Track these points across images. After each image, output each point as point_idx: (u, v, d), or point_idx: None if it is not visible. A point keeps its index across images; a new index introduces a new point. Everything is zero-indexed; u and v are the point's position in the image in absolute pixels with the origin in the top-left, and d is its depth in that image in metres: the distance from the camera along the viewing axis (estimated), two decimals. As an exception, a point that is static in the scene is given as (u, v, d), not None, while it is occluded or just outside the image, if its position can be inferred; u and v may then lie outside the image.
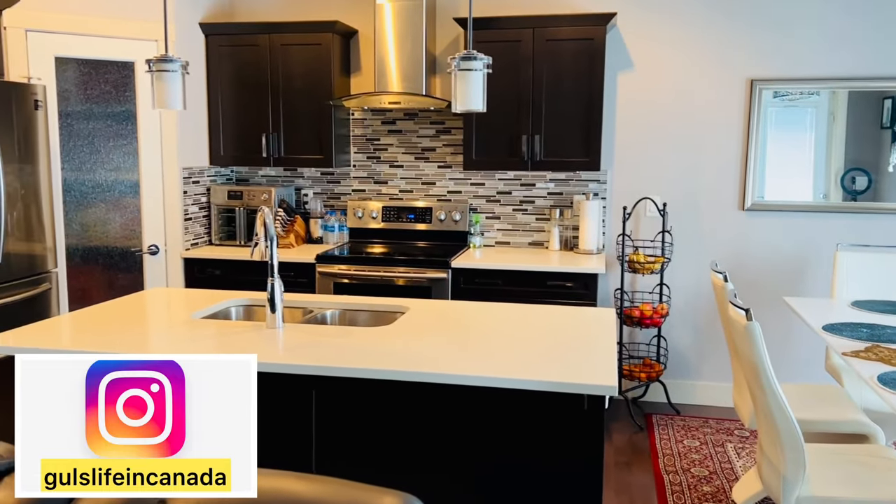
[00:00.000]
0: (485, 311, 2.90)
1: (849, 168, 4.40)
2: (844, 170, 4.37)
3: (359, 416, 2.29)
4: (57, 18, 3.87)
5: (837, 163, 4.36)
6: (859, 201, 4.38)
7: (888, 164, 4.31)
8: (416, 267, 4.10)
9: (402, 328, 2.58)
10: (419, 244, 4.58)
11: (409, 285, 4.08)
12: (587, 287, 3.96)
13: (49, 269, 3.74)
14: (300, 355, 2.29)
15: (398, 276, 4.10)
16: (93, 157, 4.05)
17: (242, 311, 3.00)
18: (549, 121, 4.17)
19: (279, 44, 4.43)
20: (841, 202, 4.32)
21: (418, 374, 2.14)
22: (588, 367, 2.21)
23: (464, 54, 2.30)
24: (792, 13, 4.16)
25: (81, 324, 2.63)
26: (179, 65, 2.50)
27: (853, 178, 4.41)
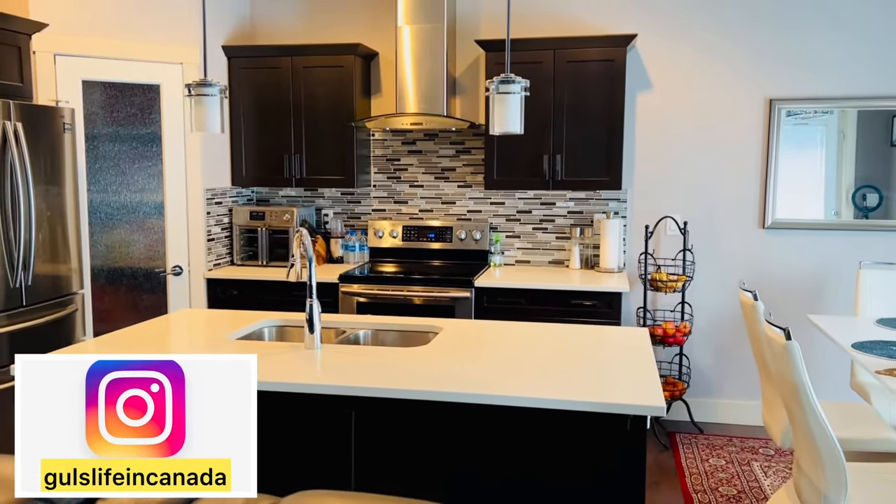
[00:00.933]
0: (517, 330, 2.91)
1: (860, 185, 4.43)
2: (855, 187, 4.39)
3: (398, 436, 2.30)
4: (84, 42, 3.92)
5: (848, 180, 4.39)
6: (871, 218, 4.41)
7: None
8: (439, 286, 4.11)
9: (437, 348, 2.59)
10: (440, 263, 4.60)
11: (432, 304, 4.09)
12: (611, 306, 3.97)
13: (75, 291, 3.75)
14: (340, 376, 2.30)
15: (421, 296, 4.11)
16: (118, 178, 4.08)
17: (275, 331, 3.01)
18: (570, 140, 4.21)
19: (301, 66, 4.48)
20: (860, 220, 4.34)
21: (461, 395, 2.15)
22: (631, 386, 2.22)
23: (502, 78, 2.34)
24: (806, 35, 4.21)
25: (118, 346, 2.65)
26: (218, 89, 2.53)
27: (864, 195, 4.43)
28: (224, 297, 4.38)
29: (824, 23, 4.19)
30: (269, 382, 2.23)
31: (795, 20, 4.22)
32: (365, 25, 4.69)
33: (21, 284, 3.38)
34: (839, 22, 4.18)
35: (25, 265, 3.38)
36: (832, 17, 4.18)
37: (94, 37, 3.95)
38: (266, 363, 2.41)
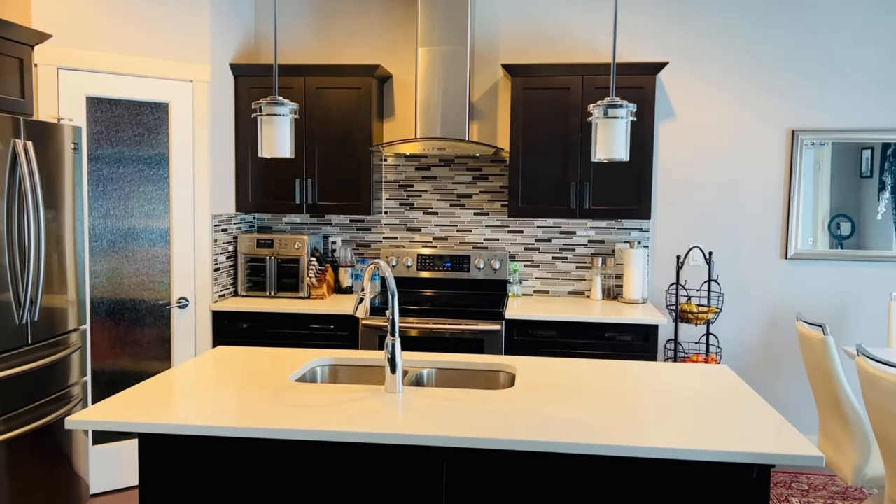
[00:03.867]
0: (596, 369, 2.75)
1: (834, 214, 4.48)
2: (830, 216, 4.43)
3: (497, 492, 2.09)
4: (90, 56, 3.61)
5: (824, 209, 4.42)
6: (846, 247, 4.45)
7: (876, 213, 4.37)
8: (467, 319, 3.92)
9: (526, 391, 2.41)
10: (458, 294, 4.41)
11: (460, 338, 3.90)
12: (647, 339, 3.85)
13: (77, 327, 3.41)
14: (430, 424, 2.09)
15: (450, 329, 3.92)
16: (122, 203, 3.76)
17: (328, 371, 2.77)
18: (597, 168, 4.11)
19: (315, 87, 4.26)
20: (884, 250, 4.36)
21: (577, 446, 1.96)
22: (756, 431, 2.07)
23: (609, 102, 2.20)
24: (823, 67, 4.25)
25: (182, 393, 2.36)
26: (289, 108, 2.31)
27: (838, 224, 4.48)
28: (232, 330, 4.08)
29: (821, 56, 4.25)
30: (359, 433, 2.00)
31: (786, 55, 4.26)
32: (373, 47, 4.52)
33: (27, 321, 3.03)
34: (825, 56, 4.24)
35: (33, 300, 3.04)
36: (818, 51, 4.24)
37: (100, 51, 3.65)
38: (350, 410, 2.17)
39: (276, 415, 2.13)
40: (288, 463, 2.13)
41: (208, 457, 2.15)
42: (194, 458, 2.16)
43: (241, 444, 2.13)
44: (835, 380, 2.89)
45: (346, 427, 2.04)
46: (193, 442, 2.15)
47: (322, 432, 2.01)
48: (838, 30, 4.22)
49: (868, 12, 4.20)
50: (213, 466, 2.15)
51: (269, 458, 2.13)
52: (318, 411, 2.17)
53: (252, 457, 2.14)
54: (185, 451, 2.16)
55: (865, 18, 4.20)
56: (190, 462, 2.16)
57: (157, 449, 2.17)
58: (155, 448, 2.17)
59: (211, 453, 2.15)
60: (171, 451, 2.16)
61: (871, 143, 4.32)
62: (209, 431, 2.03)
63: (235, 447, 2.13)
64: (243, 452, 2.14)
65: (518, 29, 4.44)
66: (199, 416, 2.11)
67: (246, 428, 2.02)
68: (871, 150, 4.35)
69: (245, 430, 2.02)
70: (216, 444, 2.14)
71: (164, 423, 2.04)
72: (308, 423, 2.06)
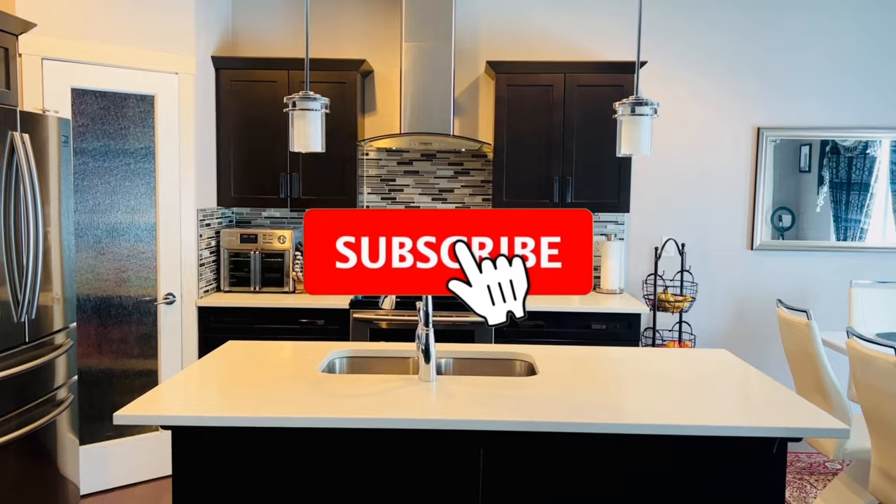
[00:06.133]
0: (606, 355, 2.87)
1: (777, 207, 4.77)
2: (773, 209, 4.71)
3: (533, 474, 2.18)
4: (75, 46, 3.52)
5: (767, 202, 4.70)
6: (787, 239, 4.73)
7: (815, 206, 4.67)
8: (458, 311, 3.99)
9: (551, 377, 2.50)
10: (442, 287, 4.48)
11: (452, 329, 3.97)
12: (630, 327, 4.02)
13: (67, 325, 3.31)
14: (469, 410, 2.16)
15: (441, 320, 3.98)
16: (108, 198, 3.68)
17: (346, 363, 2.80)
18: (579, 163, 4.25)
19: (298, 80, 4.25)
20: (843, 241, 4.65)
21: (611, 426, 2.07)
22: (779, 407, 2.23)
23: (634, 99, 2.31)
24: (791, 61, 4.51)
25: (216, 388, 2.36)
26: (321, 103, 2.34)
27: (780, 217, 4.78)
28: (219, 326, 4.03)
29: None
30: (398, 420, 2.06)
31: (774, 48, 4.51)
32: (352, 42, 4.53)
33: (25, 319, 2.95)
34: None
35: (31, 297, 2.95)
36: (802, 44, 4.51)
37: (86, 40, 3.56)
38: (389, 399, 2.23)
39: (323, 405, 2.16)
40: (332, 451, 2.16)
41: (245, 449, 2.15)
42: (229, 451, 2.16)
43: (283, 435, 2.14)
44: (818, 361, 3.10)
45: (391, 414, 2.09)
46: (227, 433, 2.15)
47: (373, 420, 2.06)
48: (802, 34, 4.49)
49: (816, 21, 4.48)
50: (251, 458, 2.16)
51: (312, 447, 2.16)
52: (361, 400, 2.21)
53: (295, 447, 2.15)
54: (223, 443, 2.16)
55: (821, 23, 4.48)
56: (225, 454, 2.16)
57: (192, 442, 2.15)
58: (190, 441, 2.15)
59: (249, 445, 2.16)
60: (207, 444, 2.15)
61: (810, 139, 4.58)
62: (263, 423, 2.05)
63: (275, 438, 2.14)
64: (285, 443, 2.15)
65: (497, 27, 4.53)
66: (245, 409, 2.12)
67: (302, 418, 2.05)
68: (809, 147, 4.63)
69: (300, 420, 2.05)
70: (252, 434, 2.15)
71: (220, 416, 2.05)
72: (355, 411, 2.10)
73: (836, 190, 4.62)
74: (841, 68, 4.51)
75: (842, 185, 4.62)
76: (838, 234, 4.63)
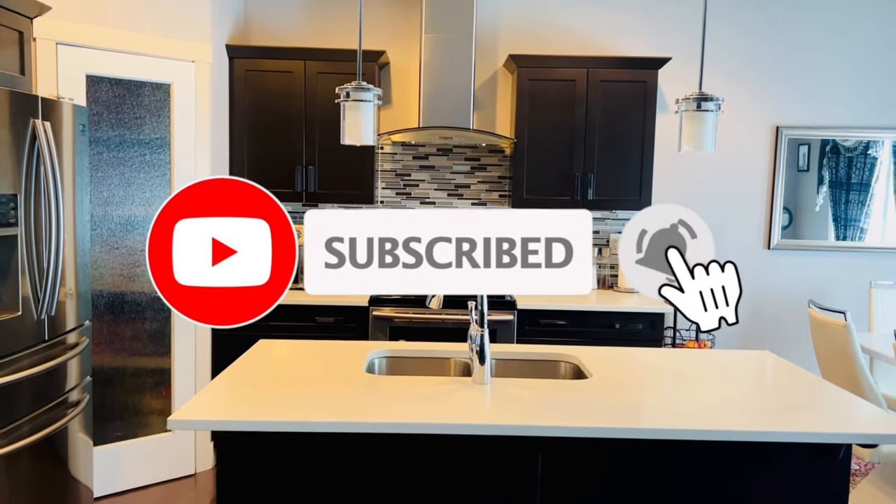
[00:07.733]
0: (651, 356, 2.82)
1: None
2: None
3: (592, 480, 2.12)
4: (90, 31, 3.37)
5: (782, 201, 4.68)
6: (785, 237, 4.73)
7: (814, 205, 4.67)
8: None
9: (603, 380, 2.44)
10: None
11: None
12: (653, 326, 3.97)
13: (83, 322, 3.18)
14: (527, 414, 2.09)
15: (462, 319, 3.90)
16: (122, 190, 3.54)
17: (385, 363, 2.71)
18: (601, 160, 4.19)
19: (316, 72, 4.13)
20: (858, 241, 4.64)
21: (675, 431, 2.01)
22: (847, 413, 2.18)
23: (699, 95, 2.25)
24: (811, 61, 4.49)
25: (263, 391, 2.26)
26: (374, 94, 2.24)
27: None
28: (233, 323, 3.91)
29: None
30: (460, 426, 1.98)
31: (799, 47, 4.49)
32: (370, 32, 4.42)
33: (45, 316, 2.81)
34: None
35: (51, 293, 2.81)
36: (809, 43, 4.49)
37: (101, 25, 3.41)
38: (448, 402, 2.14)
39: (378, 409, 2.08)
40: (386, 455, 2.08)
41: (295, 453, 2.06)
42: (277, 455, 2.06)
43: (335, 438, 2.04)
44: (855, 362, 3.07)
45: (450, 419, 2.01)
46: (276, 436, 2.05)
47: (434, 425, 1.98)
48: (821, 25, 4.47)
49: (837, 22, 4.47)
50: (301, 462, 2.07)
51: (365, 451, 2.07)
52: (417, 404, 2.13)
53: (347, 451, 2.06)
54: (271, 446, 2.06)
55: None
56: (273, 458, 2.06)
57: (237, 446, 2.05)
58: (236, 446, 2.05)
59: (299, 449, 2.06)
60: (254, 447, 2.05)
61: (809, 139, 4.58)
62: (322, 428, 1.96)
63: (325, 441, 2.04)
64: (337, 446, 2.06)
65: (516, 20, 4.45)
66: (298, 412, 2.03)
67: (361, 423, 1.96)
68: (808, 146, 4.62)
69: (359, 425, 1.96)
70: (303, 438, 2.05)
71: (279, 420, 1.96)
72: (413, 415, 2.02)
73: (836, 189, 4.60)
74: (863, 69, 4.50)
75: (841, 185, 4.61)
76: (850, 234, 4.62)
